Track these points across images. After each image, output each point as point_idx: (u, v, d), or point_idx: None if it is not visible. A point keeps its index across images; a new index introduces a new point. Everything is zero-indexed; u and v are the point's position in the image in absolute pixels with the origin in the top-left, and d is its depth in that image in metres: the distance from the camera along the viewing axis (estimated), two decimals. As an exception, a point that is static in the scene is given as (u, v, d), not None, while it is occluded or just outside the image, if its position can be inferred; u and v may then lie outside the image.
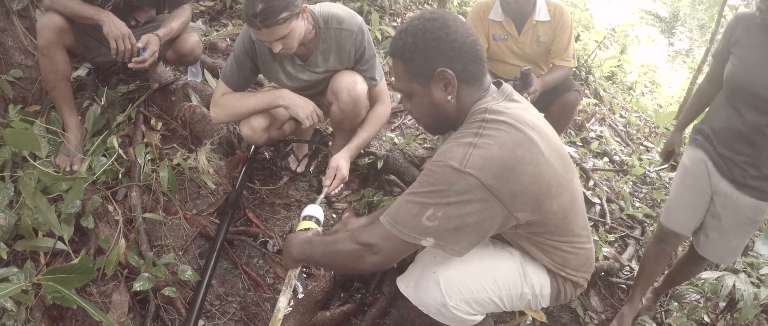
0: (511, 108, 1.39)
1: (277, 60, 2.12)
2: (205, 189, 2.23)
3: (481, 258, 1.54)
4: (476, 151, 1.29)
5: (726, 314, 2.31)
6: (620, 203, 3.33)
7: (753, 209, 2.09)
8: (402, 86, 1.45)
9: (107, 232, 1.91)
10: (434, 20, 1.36)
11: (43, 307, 1.71)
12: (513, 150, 1.30)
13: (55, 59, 2.13)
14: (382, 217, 1.40)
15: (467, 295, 1.53)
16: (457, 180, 1.29)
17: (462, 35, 1.35)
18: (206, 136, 2.40)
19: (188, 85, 2.60)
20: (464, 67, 1.37)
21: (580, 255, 1.57)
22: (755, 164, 2.02)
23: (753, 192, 2.06)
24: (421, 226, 1.33)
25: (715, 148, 2.14)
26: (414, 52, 1.36)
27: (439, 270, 1.51)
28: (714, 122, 2.15)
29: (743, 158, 2.04)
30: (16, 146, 1.91)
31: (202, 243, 2.12)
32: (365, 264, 1.44)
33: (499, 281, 1.55)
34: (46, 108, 2.33)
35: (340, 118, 2.14)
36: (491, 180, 1.28)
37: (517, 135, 1.32)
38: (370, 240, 1.40)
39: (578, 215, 1.52)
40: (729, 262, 2.30)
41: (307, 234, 1.63)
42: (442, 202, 1.31)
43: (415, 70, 1.38)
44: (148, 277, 1.82)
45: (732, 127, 2.05)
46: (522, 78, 2.52)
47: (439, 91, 1.40)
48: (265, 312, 1.99)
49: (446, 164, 1.30)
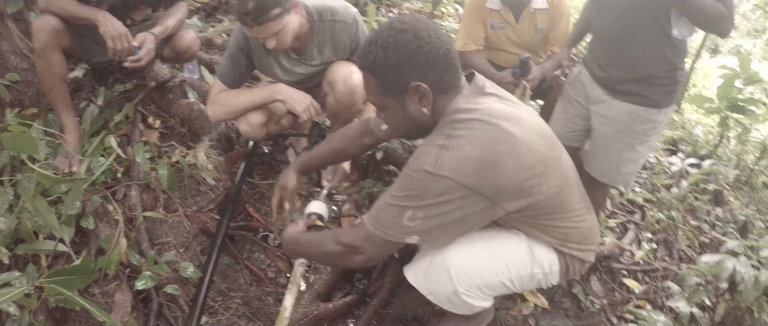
0: (483, 102, 1.36)
1: (272, 55, 2.11)
2: (205, 186, 2.23)
3: (490, 242, 1.53)
4: (448, 153, 1.28)
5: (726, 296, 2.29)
6: (620, 188, 3.29)
7: (628, 115, 2.09)
8: (374, 100, 1.41)
9: (108, 232, 1.92)
10: (405, 32, 1.29)
11: (47, 310, 1.71)
12: (489, 146, 1.28)
13: (52, 61, 2.12)
14: (366, 219, 1.42)
15: (478, 281, 1.53)
16: (433, 183, 1.28)
17: (436, 46, 1.30)
18: (205, 133, 2.40)
19: (185, 82, 2.60)
20: (439, 78, 1.33)
21: (581, 228, 1.56)
22: (624, 66, 2.04)
23: (626, 97, 2.08)
24: (403, 226, 1.34)
25: (591, 55, 2.19)
26: (385, 68, 1.31)
27: (448, 258, 1.51)
28: (592, 33, 2.23)
29: (609, 59, 2.07)
30: (14, 150, 1.91)
31: (203, 240, 2.12)
32: (353, 263, 1.49)
33: (509, 264, 1.55)
34: (44, 110, 2.33)
35: (337, 109, 2.13)
36: (467, 179, 1.27)
37: (491, 130, 1.30)
38: (354, 242, 1.42)
39: (572, 190, 1.51)
40: (618, 181, 2.30)
41: (294, 232, 1.64)
42: (421, 204, 1.31)
43: (388, 85, 1.34)
44: (150, 276, 1.83)
45: (601, 29, 2.11)
46: (521, 66, 2.51)
47: (414, 104, 1.36)
48: (268, 307, 1.99)
49: (420, 169, 1.30)
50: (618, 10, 1.99)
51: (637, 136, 2.13)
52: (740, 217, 3.22)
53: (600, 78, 2.15)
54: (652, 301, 2.50)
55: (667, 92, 2.07)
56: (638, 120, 2.10)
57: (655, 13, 1.92)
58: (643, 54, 1.99)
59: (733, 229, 3.07)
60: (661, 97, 2.07)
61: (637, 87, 2.05)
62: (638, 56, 2.00)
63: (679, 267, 2.78)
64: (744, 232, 3.15)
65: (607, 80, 2.12)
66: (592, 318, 2.36)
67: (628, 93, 2.07)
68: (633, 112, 2.09)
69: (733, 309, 2.25)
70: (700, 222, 3.21)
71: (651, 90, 2.05)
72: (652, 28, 1.94)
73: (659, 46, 1.97)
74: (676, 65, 2.03)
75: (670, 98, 2.10)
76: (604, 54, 2.09)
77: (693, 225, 3.16)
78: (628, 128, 2.12)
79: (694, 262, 2.62)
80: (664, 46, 1.97)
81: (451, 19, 4.83)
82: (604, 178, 2.28)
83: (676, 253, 2.96)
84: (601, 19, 2.08)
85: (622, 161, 2.20)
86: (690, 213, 3.27)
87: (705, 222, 3.23)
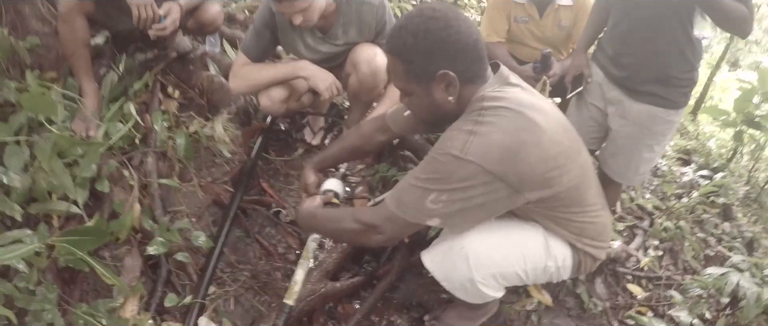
0: (509, 92, 1.37)
1: (297, 32, 2.11)
2: (221, 158, 2.23)
3: (508, 233, 1.54)
4: (476, 139, 1.28)
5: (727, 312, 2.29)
6: (631, 193, 3.30)
7: (648, 116, 2.09)
8: (400, 85, 1.41)
9: (122, 197, 1.92)
10: (436, 19, 1.29)
11: (56, 269, 1.71)
12: (515, 134, 1.28)
13: (75, 26, 2.12)
14: (388, 199, 1.42)
15: (495, 270, 1.54)
16: (459, 168, 1.28)
17: (465, 35, 1.30)
18: (223, 106, 2.40)
19: (207, 54, 2.60)
20: (467, 67, 1.34)
21: (596, 224, 1.56)
22: (646, 65, 2.02)
23: (646, 97, 2.07)
24: (426, 209, 1.34)
25: (606, 54, 2.16)
26: (414, 54, 1.31)
27: (466, 245, 1.51)
28: (608, 31, 2.18)
29: (631, 59, 2.05)
30: (33, 111, 1.90)
31: (215, 211, 2.13)
32: (370, 242, 1.48)
33: (525, 254, 1.55)
34: (64, 74, 2.33)
35: (358, 90, 2.13)
36: (494, 166, 1.27)
37: (518, 118, 1.30)
38: (374, 221, 1.42)
39: (590, 184, 1.52)
40: (635, 181, 2.31)
41: (312, 207, 1.64)
42: (445, 188, 1.31)
43: (416, 71, 1.34)
44: (161, 242, 1.83)
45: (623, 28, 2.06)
46: (542, 61, 2.50)
47: (440, 92, 1.36)
48: (276, 281, 2.00)
49: (447, 152, 1.30)
50: (644, 8, 1.98)
51: (655, 137, 2.14)
52: (747, 234, 3.23)
53: (617, 78, 2.14)
54: (653, 309, 2.50)
55: (684, 93, 2.09)
56: (658, 121, 2.10)
57: (680, 13, 1.92)
58: (666, 53, 1.99)
59: (740, 245, 3.06)
60: (678, 98, 2.08)
61: (657, 87, 2.05)
62: (661, 55, 2.00)
63: (683, 277, 2.78)
64: (750, 249, 3.15)
65: (626, 80, 2.11)
66: (593, 320, 2.36)
67: (648, 93, 2.07)
68: (653, 114, 2.09)
69: (733, 325, 2.25)
70: (706, 235, 3.20)
71: (670, 91, 2.05)
72: (676, 27, 1.94)
73: (681, 45, 1.97)
74: (694, 66, 2.05)
75: (687, 99, 2.12)
76: (626, 53, 2.08)
77: (700, 237, 3.16)
78: (648, 129, 2.12)
79: (699, 274, 2.61)
80: (685, 46, 1.98)
81: (473, 11, 4.81)
82: (622, 179, 2.29)
83: (681, 263, 2.95)
84: (625, 18, 2.06)
85: (641, 161, 2.21)
86: (698, 224, 3.27)
87: (712, 235, 3.23)
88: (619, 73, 2.12)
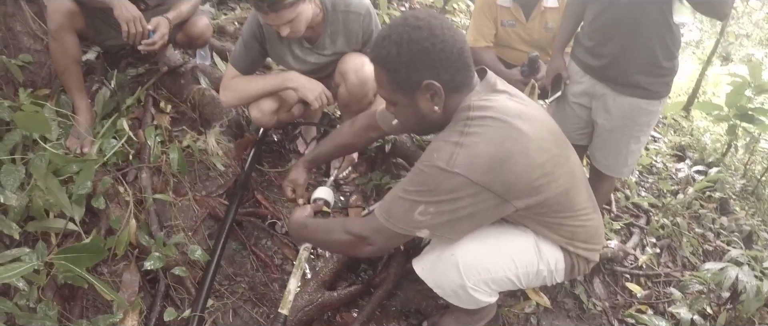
0: (496, 100, 1.36)
1: (285, 43, 2.12)
2: (214, 171, 2.24)
3: (499, 238, 1.54)
4: (462, 150, 1.28)
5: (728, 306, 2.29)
6: (626, 191, 3.30)
7: (632, 108, 2.11)
8: (385, 94, 1.41)
9: (118, 213, 1.93)
10: (420, 29, 1.27)
11: (55, 287, 1.72)
12: (501, 144, 1.28)
13: (66, 43, 2.13)
14: (377, 210, 1.42)
15: (486, 276, 1.54)
16: (445, 180, 1.28)
17: (450, 44, 1.29)
18: (215, 119, 2.41)
19: (197, 68, 2.60)
20: (452, 77, 1.33)
21: (588, 227, 1.56)
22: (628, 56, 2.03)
23: (628, 90, 2.08)
24: (414, 221, 1.35)
25: (584, 47, 2.17)
26: (398, 64, 1.30)
27: (457, 252, 1.51)
28: (586, 25, 2.17)
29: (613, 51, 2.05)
30: (26, 129, 1.91)
31: (211, 224, 2.13)
32: (360, 253, 1.50)
33: (516, 260, 1.55)
34: (56, 91, 2.34)
35: (348, 100, 2.14)
36: (480, 177, 1.27)
37: (504, 127, 1.30)
38: (363, 232, 1.43)
39: (580, 189, 1.51)
40: (623, 173, 2.32)
41: (303, 217, 1.64)
42: (433, 200, 1.31)
43: (400, 81, 1.33)
44: (158, 257, 1.84)
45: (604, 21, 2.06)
46: (529, 64, 2.51)
47: (425, 102, 1.36)
48: (273, 293, 2.01)
49: (434, 165, 1.30)
50: (621, 5, 1.99)
51: (641, 128, 2.17)
52: (745, 227, 3.23)
53: (599, 72, 2.15)
54: (653, 306, 2.51)
55: (666, 82, 2.11)
56: (642, 113, 2.12)
57: (660, 3, 1.93)
58: (647, 43, 2.01)
59: (738, 239, 3.07)
60: (661, 88, 2.10)
61: (640, 79, 2.06)
62: (642, 46, 2.01)
63: (682, 273, 2.79)
64: (748, 243, 3.15)
65: (608, 73, 2.12)
66: (593, 320, 2.36)
67: (630, 85, 2.08)
68: (636, 106, 2.11)
69: (734, 319, 2.25)
70: (704, 230, 3.21)
71: (652, 81, 2.07)
72: (657, 16, 1.95)
73: (662, 34, 1.99)
74: (674, 54, 2.06)
75: (668, 89, 2.13)
76: (608, 46, 2.08)
77: (697, 232, 3.17)
78: (632, 121, 2.14)
79: (697, 270, 2.62)
80: (666, 35, 1.99)
81: (463, 16, 4.82)
82: (610, 172, 2.31)
83: (679, 260, 2.96)
84: (605, 10, 2.07)
85: (628, 153, 2.23)
86: (695, 220, 3.27)
87: (710, 230, 3.23)
88: (600, 67, 2.13)
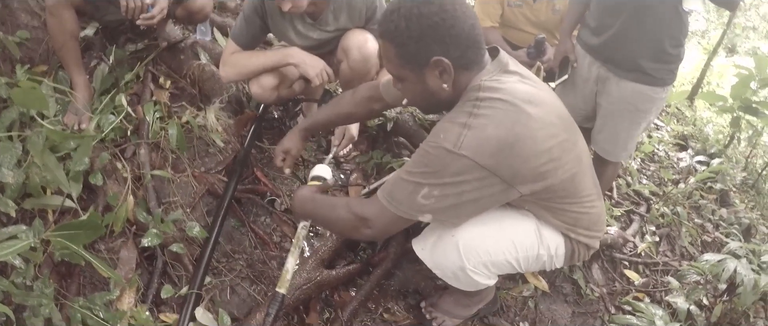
0: (506, 81, 1.33)
1: (287, 18, 2.09)
2: (214, 148, 2.22)
3: (500, 221, 1.52)
4: (470, 132, 1.25)
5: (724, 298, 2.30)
6: (627, 178, 3.30)
7: (634, 93, 2.10)
8: (393, 70, 1.37)
9: (115, 189, 1.90)
10: (430, 3, 1.24)
11: (52, 264, 1.70)
12: (510, 128, 1.25)
13: (64, 18, 2.09)
14: (379, 192, 1.39)
15: (486, 258, 1.52)
16: (452, 162, 1.26)
17: (460, 20, 1.25)
18: (215, 95, 2.38)
19: (197, 43, 2.58)
20: (462, 54, 1.29)
21: (591, 214, 1.55)
22: (635, 42, 2.01)
23: (632, 75, 2.08)
24: (417, 204, 1.32)
25: (590, 28, 2.16)
26: (407, 38, 1.26)
27: (457, 233, 1.49)
28: (594, 5, 2.15)
29: (620, 36, 2.04)
30: (24, 106, 1.88)
31: (209, 201, 2.12)
32: (359, 235, 1.47)
33: (517, 243, 1.54)
34: (54, 68, 2.31)
35: (350, 77, 2.11)
36: (487, 160, 1.24)
37: (513, 111, 1.27)
38: (366, 213, 1.40)
39: (585, 175, 1.49)
40: (622, 157, 2.33)
41: (312, 191, 1.63)
42: (438, 182, 1.28)
43: (408, 56, 1.30)
44: (156, 233, 1.82)
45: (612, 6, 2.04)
46: (536, 46, 2.49)
47: (434, 78, 1.32)
48: (272, 270, 2.00)
49: (440, 146, 1.27)
50: None
51: (642, 114, 2.16)
52: (744, 220, 3.23)
53: (604, 55, 2.14)
54: (650, 294, 2.51)
55: (671, 70, 2.10)
56: (644, 99, 2.11)
57: None
58: (655, 29, 1.99)
59: (737, 231, 3.07)
60: (666, 75, 2.09)
61: (644, 64, 2.05)
62: (649, 30, 2.00)
63: (680, 263, 2.79)
64: (747, 235, 3.15)
65: (613, 57, 2.11)
66: (590, 306, 2.37)
67: (634, 70, 2.07)
68: (638, 91, 2.10)
69: (730, 311, 2.26)
70: (704, 221, 3.22)
71: (657, 67, 2.06)
72: (665, 3, 1.94)
73: (669, 21, 1.98)
74: (681, 42, 2.05)
75: (673, 76, 2.12)
76: (612, 26, 2.06)
77: (697, 222, 3.17)
78: (634, 106, 2.13)
79: (696, 260, 2.62)
80: (673, 21, 1.98)
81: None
82: (608, 156, 2.30)
83: (678, 249, 2.96)
84: None
85: (628, 138, 2.23)
86: (695, 210, 3.27)
87: (709, 221, 3.24)
88: (605, 51, 2.12)
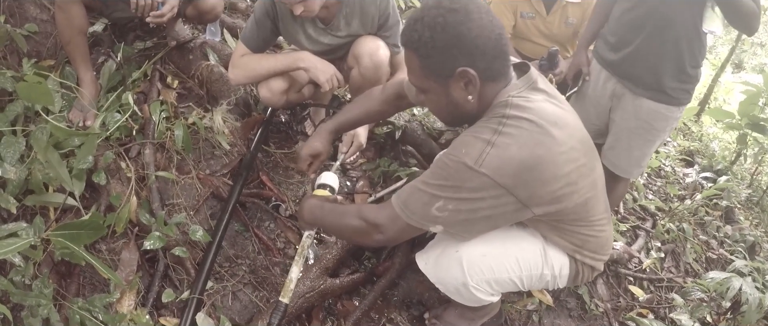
0: (534, 100, 1.29)
1: (299, 22, 2.08)
2: (220, 150, 2.20)
3: (505, 239, 1.50)
4: (493, 150, 1.22)
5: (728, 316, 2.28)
6: (634, 193, 3.28)
7: (649, 112, 2.09)
8: (416, 81, 1.34)
9: (119, 189, 1.88)
10: (456, 11, 1.19)
11: (52, 263, 1.68)
12: (533, 150, 1.22)
13: (72, 13, 2.08)
14: (394, 199, 1.37)
15: (489, 275, 1.50)
16: (471, 178, 1.23)
17: (487, 30, 1.21)
18: (223, 96, 2.36)
19: (206, 43, 2.56)
20: (489, 65, 1.25)
21: (600, 238, 1.52)
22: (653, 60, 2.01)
23: (648, 93, 2.07)
24: (431, 215, 1.30)
25: (608, 43, 2.16)
26: (431, 49, 1.22)
27: (461, 249, 1.47)
28: (614, 21, 2.15)
29: (638, 53, 2.03)
30: (29, 100, 1.85)
31: (214, 204, 2.10)
32: (370, 241, 1.45)
33: (521, 262, 1.51)
34: (61, 62, 2.29)
35: (360, 83, 2.10)
36: (507, 180, 1.22)
37: (538, 133, 1.24)
38: (377, 220, 1.38)
39: (599, 200, 1.46)
40: (634, 174, 2.32)
41: (320, 198, 1.61)
42: (454, 197, 1.26)
43: (432, 66, 1.26)
44: (158, 236, 1.80)
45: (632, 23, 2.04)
46: (548, 58, 2.47)
47: (459, 90, 1.28)
48: (275, 277, 1.98)
49: (461, 160, 1.24)
50: (653, 2, 1.96)
51: (657, 133, 2.15)
52: (749, 237, 3.22)
53: (621, 72, 2.13)
54: (655, 311, 2.50)
55: (687, 90, 2.09)
56: (660, 117, 2.11)
57: (691, 7, 1.91)
58: (675, 49, 1.98)
59: (742, 249, 3.05)
60: (681, 95, 2.09)
61: (661, 83, 2.04)
62: (670, 51, 1.99)
63: (684, 280, 2.77)
64: (751, 253, 3.14)
65: (630, 75, 2.10)
66: (594, 321, 2.35)
67: (652, 88, 2.07)
68: (654, 110, 2.09)
69: (734, 329, 2.25)
70: (709, 238, 3.21)
71: (675, 87, 2.05)
72: (686, 23, 1.93)
73: (689, 41, 1.97)
74: (699, 62, 2.04)
75: (689, 97, 2.12)
76: (632, 43, 2.06)
77: (702, 239, 3.15)
78: (650, 125, 2.13)
79: (700, 277, 2.61)
80: (693, 42, 1.98)
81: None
82: (620, 172, 2.28)
83: (682, 266, 2.95)
84: (635, 8, 2.03)
85: (641, 156, 2.23)
86: (700, 226, 3.26)
87: (714, 238, 3.23)
88: (622, 67, 2.11)
